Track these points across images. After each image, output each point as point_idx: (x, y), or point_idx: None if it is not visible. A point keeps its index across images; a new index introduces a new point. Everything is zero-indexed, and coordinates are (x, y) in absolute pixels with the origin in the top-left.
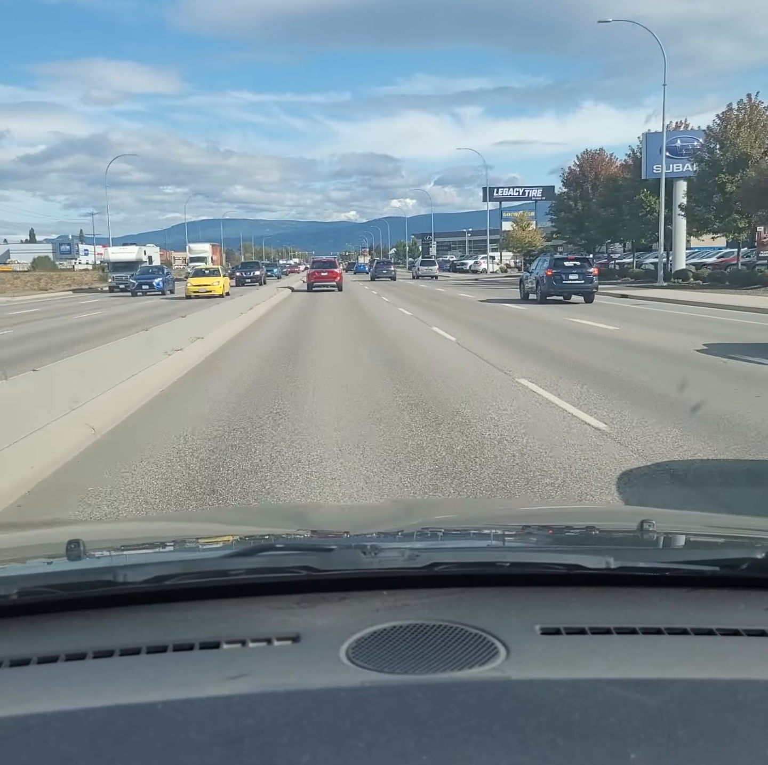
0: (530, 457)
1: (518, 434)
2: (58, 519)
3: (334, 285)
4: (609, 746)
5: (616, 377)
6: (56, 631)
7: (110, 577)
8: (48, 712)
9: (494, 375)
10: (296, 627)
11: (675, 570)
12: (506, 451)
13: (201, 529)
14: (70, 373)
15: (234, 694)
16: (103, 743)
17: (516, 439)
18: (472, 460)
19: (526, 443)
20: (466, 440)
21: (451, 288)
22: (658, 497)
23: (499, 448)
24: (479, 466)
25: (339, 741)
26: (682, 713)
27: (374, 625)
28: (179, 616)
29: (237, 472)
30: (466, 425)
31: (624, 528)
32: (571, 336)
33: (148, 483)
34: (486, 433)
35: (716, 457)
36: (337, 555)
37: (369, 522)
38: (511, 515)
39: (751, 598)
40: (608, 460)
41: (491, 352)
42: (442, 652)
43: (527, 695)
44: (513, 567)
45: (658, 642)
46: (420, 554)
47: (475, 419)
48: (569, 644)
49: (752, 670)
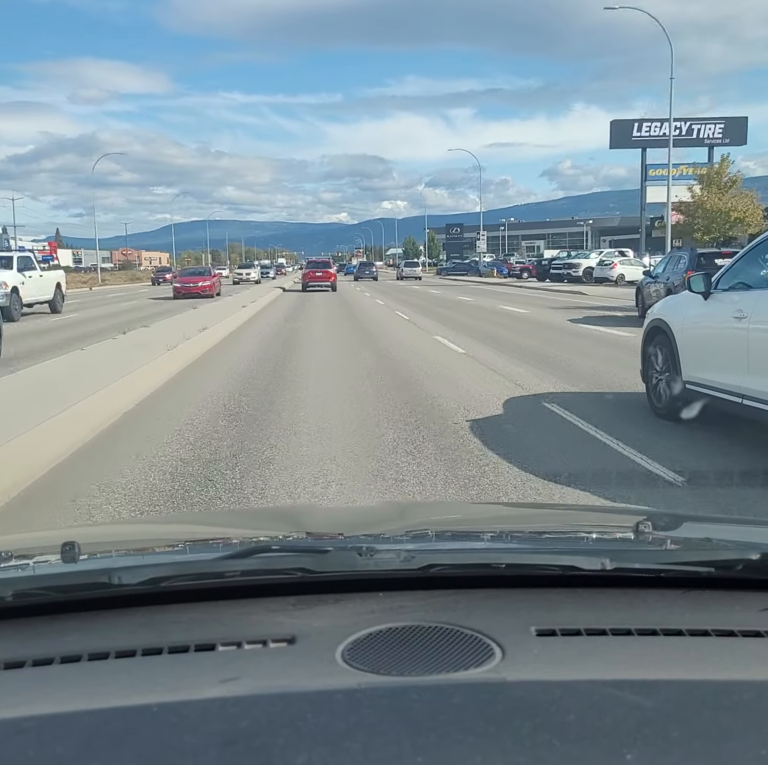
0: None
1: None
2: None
3: (329, 285)
4: (605, 747)
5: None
6: (51, 634)
7: (105, 579)
8: (43, 714)
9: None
10: (292, 629)
11: (670, 571)
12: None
13: (196, 531)
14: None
15: (229, 696)
16: (98, 745)
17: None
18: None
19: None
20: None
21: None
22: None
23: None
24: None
25: (335, 743)
26: (677, 714)
27: (370, 627)
28: (174, 618)
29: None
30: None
31: (619, 529)
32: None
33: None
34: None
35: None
36: (333, 556)
37: (364, 523)
38: (507, 516)
39: (746, 599)
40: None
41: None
42: (437, 654)
43: (523, 696)
44: (508, 568)
45: (654, 643)
46: (416, 556)
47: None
48: (565, 645)
49: (747, 670)
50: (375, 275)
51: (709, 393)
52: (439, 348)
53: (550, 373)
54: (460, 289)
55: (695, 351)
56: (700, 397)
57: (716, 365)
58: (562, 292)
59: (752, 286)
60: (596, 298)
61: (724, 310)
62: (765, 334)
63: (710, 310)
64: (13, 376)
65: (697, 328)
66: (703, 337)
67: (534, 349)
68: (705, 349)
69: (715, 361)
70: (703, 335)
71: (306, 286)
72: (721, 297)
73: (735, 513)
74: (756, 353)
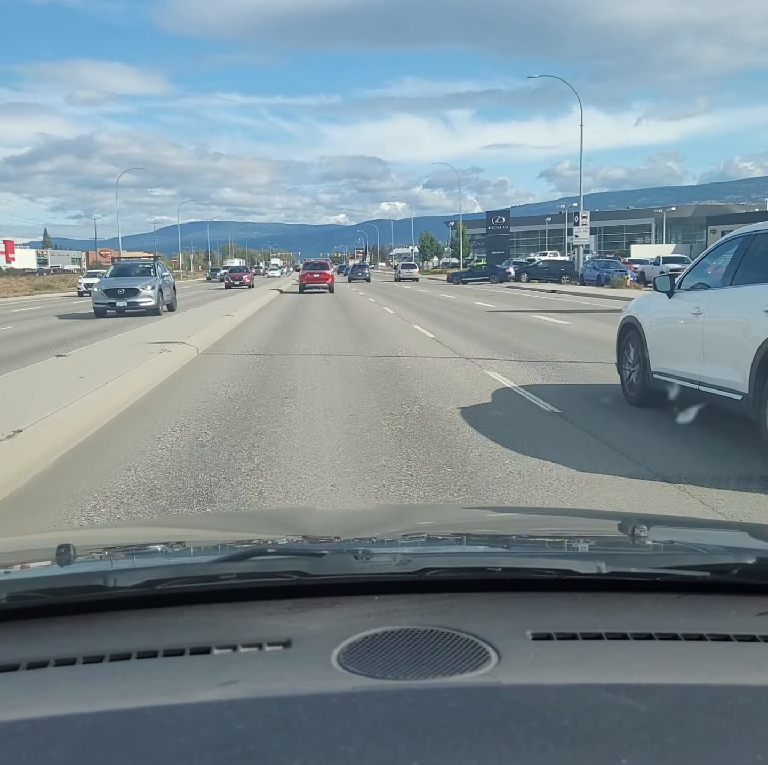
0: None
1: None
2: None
3: (326, 287)
4: (600, 751)
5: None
6: (46, 636)
7: (100, 582)
8: (37, 717)
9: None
10: (287, 632)
11: (666, 575)
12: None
13: (192, 534)
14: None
15: (225, 699)
16: (92, 749)
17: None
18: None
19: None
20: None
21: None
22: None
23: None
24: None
25: (330, 746)
26: (673, 718)
27: (366, 631)
28: (170, 621)
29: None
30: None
31: (615, 533)
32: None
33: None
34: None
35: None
36: (329, 560)
37: (360, 527)
38: (503, 520)
39: (741, 604)
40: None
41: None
42: (433, 658)
43: (518, 700)
44: (504, 572)
45: (649, 647)
46: (412, 559)
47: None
48: (561, 649)
49: (743, 675)
50: (368, 277)
51: (672, 381)
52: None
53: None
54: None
55: (661, 344)
56: (665, 386)
57: (678, 356)
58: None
59: (710, 286)
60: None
61: (685, 307)
62: (717, 327)
63: (673, 307)
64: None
65: (662, 323)
66: (667, 332)
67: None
68: (668, 343)
69: (677, 352)
70: (667, 330)
71: (303, 287)
72: (683, 296)
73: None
74: (710, 345)
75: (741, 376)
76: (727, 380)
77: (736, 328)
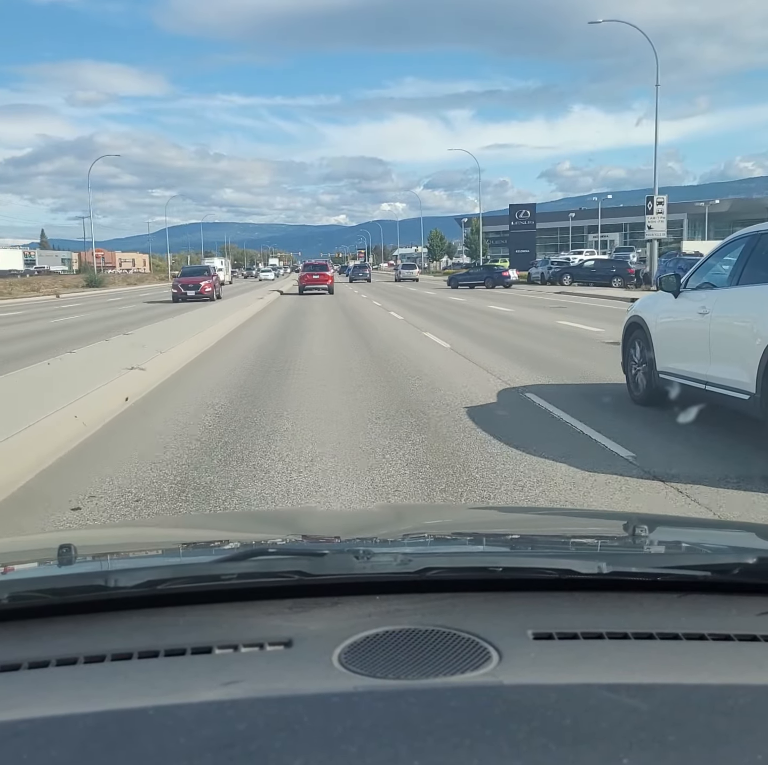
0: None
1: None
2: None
3: (326, 288)
4: (601, 751)
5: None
6: (47, 636)
7: (102, 582)
8: (38, 717)
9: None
10: (289, 632)
11: (666, 575)
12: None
13: (193, 534)
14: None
15: (226, 699)
16: (93, 749)
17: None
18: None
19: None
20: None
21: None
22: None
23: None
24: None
25: (331, 746)
26: (673, 718)
27: (367, 630)
28: (171, 621)
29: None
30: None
31: (616, 533)
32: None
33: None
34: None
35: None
36: (330, 560)
37: (361, 527)
38: (504, 520)
39: (742, 603)
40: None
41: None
42: (434, 657)
43: (519, 700)
44: (505, 572)
45: (650, 647)
46: (412, 559)
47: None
48: (561, 649)
49: (744, 674)
50: (368, 277)
51: (678, 381)
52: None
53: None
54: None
55: (666, 344)
56: (671, 385)
57: (684, 356)
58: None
59: (716, 286)
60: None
61: (691, 306)
62: (724, 327)
63: (679, 307)
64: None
65: (668, 323)
66: (673, 331)
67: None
68: (675, 342)
69: (683, 352)
70: (673, 329)
71: (303, 289)
72: (689, 295)
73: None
74: (716, 344)
75: (748, 375)
76: (734, 380)
77: (743, 328)
